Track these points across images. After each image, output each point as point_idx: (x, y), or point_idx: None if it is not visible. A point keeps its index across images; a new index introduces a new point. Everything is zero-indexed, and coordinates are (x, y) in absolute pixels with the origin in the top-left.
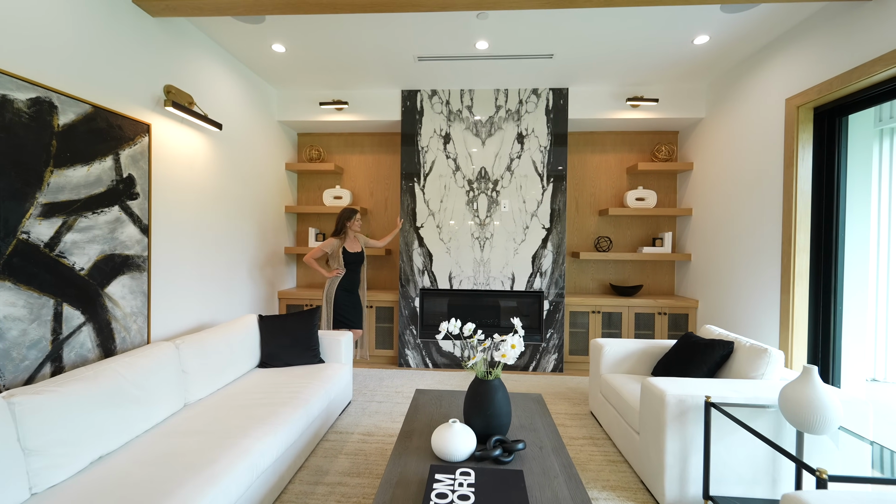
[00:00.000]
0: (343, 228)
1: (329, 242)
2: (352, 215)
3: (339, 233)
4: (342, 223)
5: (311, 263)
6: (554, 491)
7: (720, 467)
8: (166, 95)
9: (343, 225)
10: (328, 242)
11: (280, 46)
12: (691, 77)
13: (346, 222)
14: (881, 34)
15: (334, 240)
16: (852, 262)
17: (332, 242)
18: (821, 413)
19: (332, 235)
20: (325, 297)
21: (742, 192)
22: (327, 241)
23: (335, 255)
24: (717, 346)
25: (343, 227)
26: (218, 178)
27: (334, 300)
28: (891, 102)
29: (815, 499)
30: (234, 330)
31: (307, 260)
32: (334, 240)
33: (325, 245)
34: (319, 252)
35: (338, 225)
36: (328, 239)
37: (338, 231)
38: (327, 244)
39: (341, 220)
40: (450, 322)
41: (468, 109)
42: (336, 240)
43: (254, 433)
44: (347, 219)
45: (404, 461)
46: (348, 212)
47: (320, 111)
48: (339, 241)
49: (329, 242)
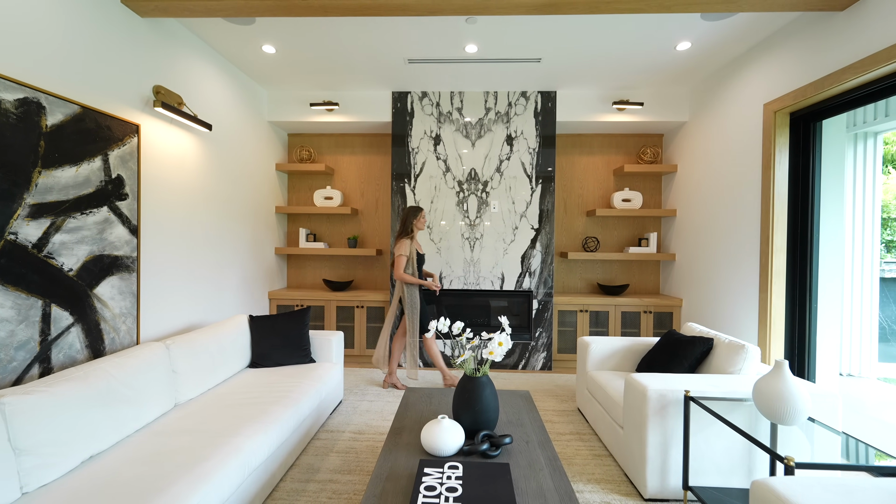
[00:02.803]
0: (410, 228)
1: (404, 245)
2: (417, 213)
3: (407, 233)
4: (408, 222)
5: (407, 279)
6: (539, 483)
7: (699, 459)
8: (155, 96)
9: (410, 224)
10: (403, 245)
11: (270, 48)
12: (675, 82)
13: (413, 220)
14: (852, 43)
15: (407, 240)
16: (826, 261)
17: (407, 244)
18: (790, 405)
19: (400, 237)
20: (410, 305)
21: (723, 194)
22: (401, 244)
23: (411, 258)
24: (697, 343)
25: (410, 227)
26: (208, 178)
27: (420, 308)
28: (862, 108)
29: (782, 484)
30: (225, 330)
31: (402, 277)
32: (407, 240)
33: (401, 249)
34: (403, 261)
35: (404, 225)
36: (400, 242)
37: (405, 231)
38: (404, 248)
39: (407, 219)
40: (438, 320)
41: (458, 111)
42: (408, 240)
43: (244, 432)
44: (414, 216)
45: (394, 456)
46: (414, 210)
47: (311, 112)
48: (411, 242)
49: (404, 245)
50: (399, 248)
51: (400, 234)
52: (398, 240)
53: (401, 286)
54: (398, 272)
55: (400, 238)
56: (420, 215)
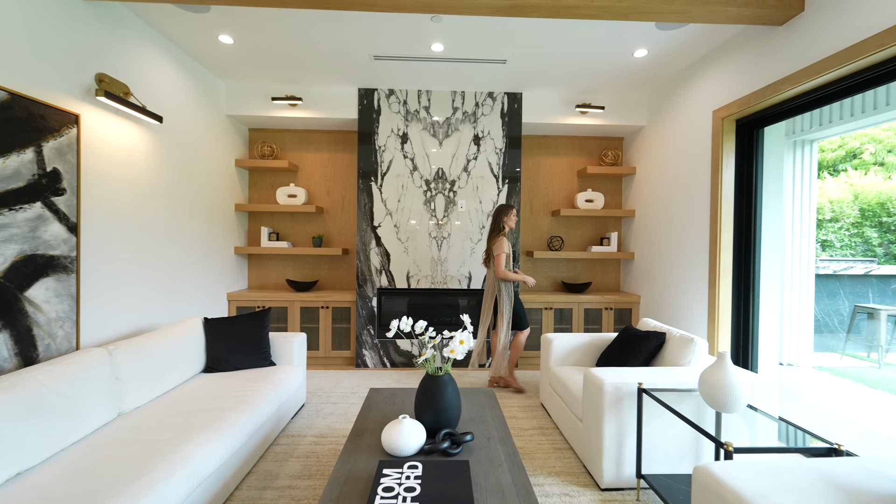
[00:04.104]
0: (501, 225)
1: (502, 243)
2: (508, 210)
3: (500, 230)
4: (500, 219)
5: (509, 276)
6: (498, 478)
7: (651, 448)
8: (98, 84)
9: (501, 221)
10: (502, 244)
11: (227, 38)
12: (633, 87)
13: (504, 217)
14: (789, 56)
15: (503, 238)
16: (768, 259)
17: (505, 241)
18: (731, 393)
19: (494, 235)
20: (507, 302)
21: (677, 196)
22: (499, 242)
23: (509, 254)
24: (651, 337)
25: (501, 224)
26: (160, 173)
27: (515, 302)
28: (800, 117)
29: (721, 469)
30: (177, 333)
31: (505, 274)
32: (503, 238)
33: (501, 247)
34: (504, 259)
35: (496, 223)
36: (498, 240)
37: (498, 229)
38: (503, 245)
39: (499, 217)
40: (401, 320)
41: (426, 110)
42: (504, 237)
43: (195, 440)
44: (505, 214)
45: (354, 459)
46: (505, 207)
47: (273, 106)
48: (506, 238)
49: (502, 243)
50: (498, 247)
51: (493, 232)
52: (494, 238)
53: (494, 283)
54: (500, 269)
55: (495, 236)
56: (511, 213)
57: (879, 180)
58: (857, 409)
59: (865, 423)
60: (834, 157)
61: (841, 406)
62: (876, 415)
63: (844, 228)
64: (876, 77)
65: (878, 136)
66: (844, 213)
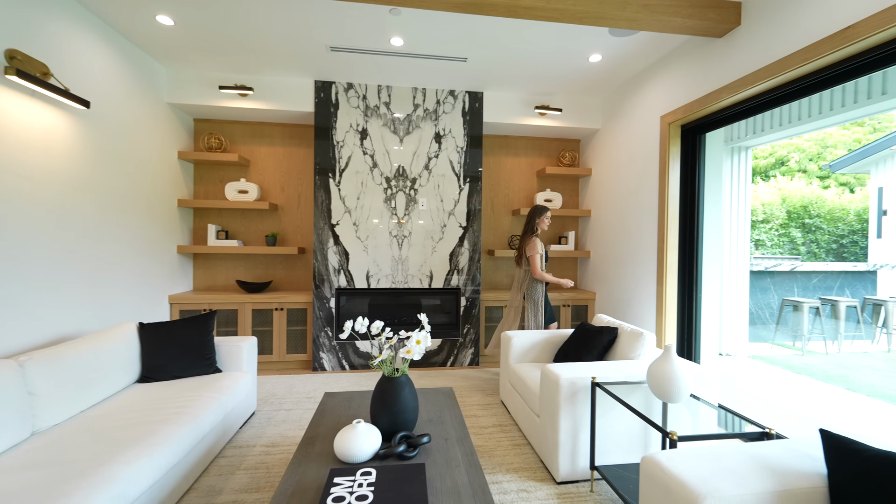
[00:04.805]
0: (534, 226)
1: (536, 244)
2: (542, 212)
3: (533, 232)
4: (533, 221)
5: (548, 278)
6: (454, 480)
7: (605, 439)
8: (9, 62)
9: (534, 223)
10: (535, 245)
11: (167, 18)
12: (589, 91)
13: (537, 219)
14: (727, 66)
15: (537, 239)
16: (709, 257)
17: (538, 243)
18: (675, 384)
19: (527, 236)
20: (533, 302)
21: (629, 196)
22: (533, 243)
23: (542, 254)
24: (604, 333)
25: (534, 225)
26: (86, 164)
27: (544, 301)
28: (736, 124)
29: (665, 457)
30: (106, 341)
31: (542, 276)
32: (537, 239)
33: (535, 249)
34: (538, 259)
35: (530, 224)
36: (531, 241)
37: (531, 230)
38: (538, 247)
39: (532, 219)
40: (355, 321)
41: (386, 106)
42: (538, 239)
43: (122, 458)
44: (538, 216)
45: (303, 469)
46: (539, 209)
47: (221, 96)
48: (539, 239)
49: (536, 244)
50: (531, 248)
51: (526, 234)
52: (528, 239)
53: (523, 281)
54: (536, 271)
55: (528, 237)
56: (545, 215)
57: (803, 185)
58: (785, 393)
59: (792, 407)
60: (766, 163)
61: (772, 391)
62: (800, 398)
63: (774, 229)
64: (800, 89)
65: (801, 145)
66: (774, 214)
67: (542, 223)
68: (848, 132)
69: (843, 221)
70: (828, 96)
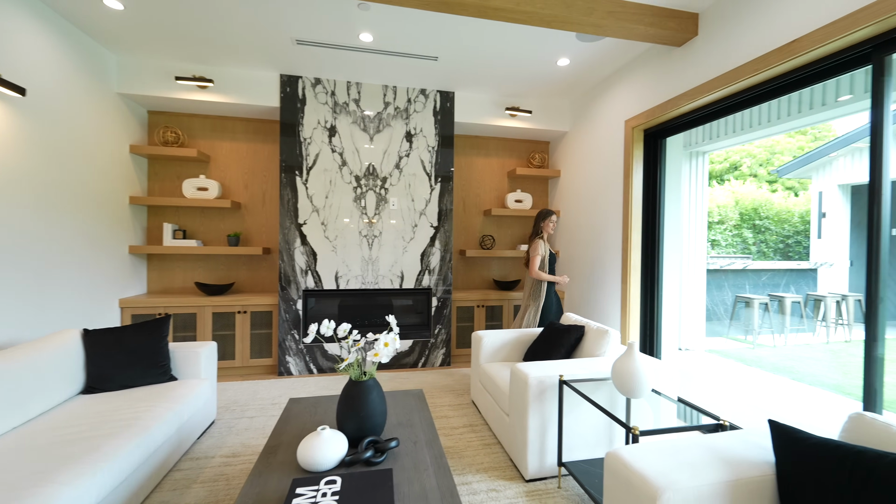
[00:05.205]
0: (539, 229)
1: (538, 245)
2: (547, 216)
3: (538, 234)
4: (539, 224)
5: (543, 276)
6: (422, 484)
7: (572, 436)
8: None
9: (539, 226)
10: (538, 246)
11: (116, 2)
12: (558, 94)
13: (542, 223)
14: (686, 74)
15: (540, 241)
16: (669, 256)
17: (541, 244)
18: (637, 380)
19: (533, 238)
20: (536, 303)
21: (596, 198)
22: (536, 244)
23: (545, 257)
24: (572, 331)
25: (539, 228)
26: (20, 157)
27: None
28: (694, 130)
29: (627, 451)
30: (44, 349)
31: (538, 275)
32: (540, 241)
33: (537, 250)
34: (538, 261)
35: (535, 227)
36: (535, 242)
37: (537, 233)
38: (540, 248)
39: (538, 222)
40: (321, 323)
41: (355, 103)
42: (541, 241)
43: (61, 477)
44: (543, 219)
45: (264, 480)
46: (545, 213)
47: (177, 87)
48: (545, 242)
49: (538, 245)
50: (534, 249)
51: (532, 236)
52: (533, 241)
53: (531, 283)
54: (533, 270)
55: (533, 239)
56: (550, 218)
57: (754, 189)
58: (739, 385)
59: (745, 398)
60: (721, 168)
61: (727, 383)
62: (752, 389)
63: (728, 230)
64: (752, 98)
65: (752, 151)
66: (728, 216)
67: (548, 226)
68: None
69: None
70: (776, 106)
